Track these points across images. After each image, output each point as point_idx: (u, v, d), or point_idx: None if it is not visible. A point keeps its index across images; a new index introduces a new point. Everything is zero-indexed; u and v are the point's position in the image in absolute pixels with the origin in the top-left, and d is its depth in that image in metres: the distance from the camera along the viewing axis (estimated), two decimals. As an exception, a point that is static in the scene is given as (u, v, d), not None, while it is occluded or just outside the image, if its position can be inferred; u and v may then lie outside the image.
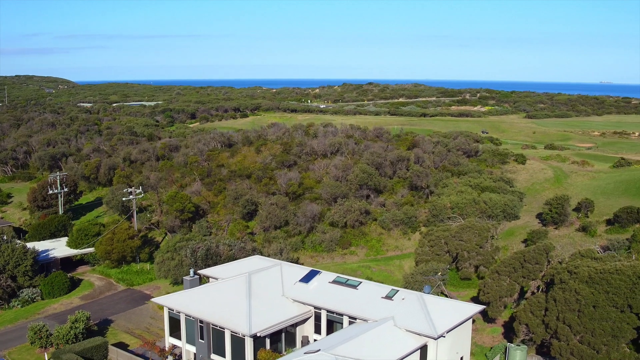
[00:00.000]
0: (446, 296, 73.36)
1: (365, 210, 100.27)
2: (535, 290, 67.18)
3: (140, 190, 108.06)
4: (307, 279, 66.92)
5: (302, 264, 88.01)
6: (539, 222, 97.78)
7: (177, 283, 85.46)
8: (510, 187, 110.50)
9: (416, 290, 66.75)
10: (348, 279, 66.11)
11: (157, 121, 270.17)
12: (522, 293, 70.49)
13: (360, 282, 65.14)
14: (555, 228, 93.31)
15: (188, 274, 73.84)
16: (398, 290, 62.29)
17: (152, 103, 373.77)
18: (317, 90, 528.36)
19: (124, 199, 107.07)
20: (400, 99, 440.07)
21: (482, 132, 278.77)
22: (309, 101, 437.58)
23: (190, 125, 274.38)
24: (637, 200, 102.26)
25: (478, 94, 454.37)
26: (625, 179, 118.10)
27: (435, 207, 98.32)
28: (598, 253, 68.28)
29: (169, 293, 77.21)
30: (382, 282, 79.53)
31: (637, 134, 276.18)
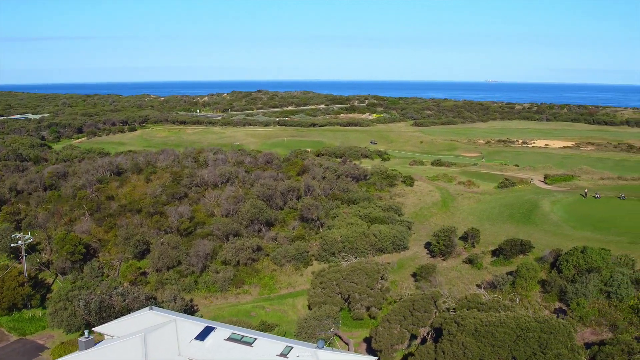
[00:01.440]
0: (340, 338, 74.11)
1: (257, 247, 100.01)
2: (426, 336, 68.39)
3: (29, 236, 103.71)
4: (202, 336, 65.91)
5: (196, 306, 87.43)
6: (427, 253, 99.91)
7: (72, 331, 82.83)
8: (399, 215, 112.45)
9: (311, 336, 66.99)
10: (243, 336, 65.52)
11: (43, 138, 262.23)
12: (413, 337, 71.71)
13: (255, 339, 64.65)
14: (444, 259, 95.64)
15: (82, 323, 71.63)
16: (292, 347, 62.20)
17: (38, 116, 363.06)
18: (206, 98, 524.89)
19: (12, 244, 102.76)
20: (290, 107, 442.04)
21: (371, 142, 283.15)
22: (198, 110, 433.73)
23: (77, 142, 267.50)
24: (521, 227, 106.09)
25: (366, 101, 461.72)
26: (510, 202, 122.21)
27: (326, 242, 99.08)
28: (484, 297, 70.12)
29: (63, 343, 75.36)
30: (277, 324, 79.89)
31: (520, 141, 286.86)
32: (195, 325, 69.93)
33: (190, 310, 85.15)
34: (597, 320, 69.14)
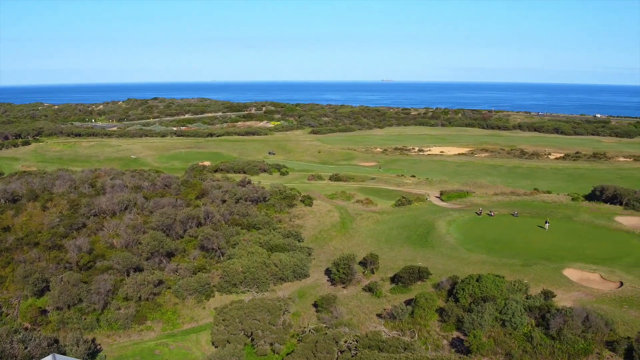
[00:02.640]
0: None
1: (158, 281, 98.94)
2: (329, 375, 69.03)
3: None
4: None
5: (99, 345, 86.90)
6: (328, 280, 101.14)
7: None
8: (299, 241, 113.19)
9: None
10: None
11: None
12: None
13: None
14: (344, 287, 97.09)
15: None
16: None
17: None
18: (102, 106, 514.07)
19: None
20: (187, 115, 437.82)
21: (269, 153, 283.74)
22: (93, 120, 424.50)
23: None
24: (419, 250, 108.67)
25: (264, 108, 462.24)
26: (407, 223, 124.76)
27: (227, 274, 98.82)
28: (384, 334, 71.30)
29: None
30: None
31: (416, 149, 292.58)
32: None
33: (94, 351, 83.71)
34: (493, 350, 71.42)
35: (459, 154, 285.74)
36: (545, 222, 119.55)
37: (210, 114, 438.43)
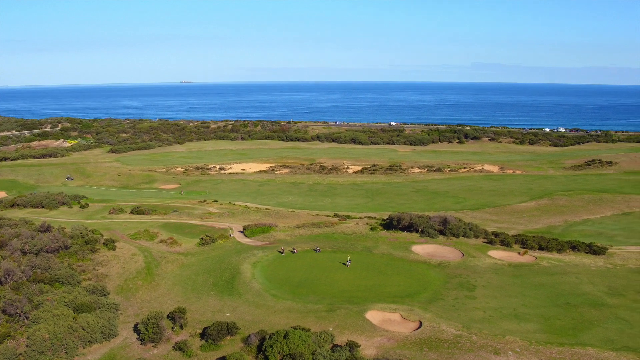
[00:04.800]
0: None
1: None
2: None
3: None
4: None
5: None
6: (137, 338, 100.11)
7: None
8: (106, 297, 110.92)
9: None
10: None
11: None
12: None
13: None
14: (154, 346, 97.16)
15: None
16: None
17: None
18: None
19: None
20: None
21: (68, 178, 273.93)
22: None
23: None
24: (226, 299, 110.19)
25: (60, 125, 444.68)
26: (212, 267, 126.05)
27: (33, 342, 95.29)
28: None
29: None
30: None
31: (217, 167, 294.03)
32: None
33: None
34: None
35: (260, 171, 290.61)
36: (348, 261, 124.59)
37: (2, 133, 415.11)
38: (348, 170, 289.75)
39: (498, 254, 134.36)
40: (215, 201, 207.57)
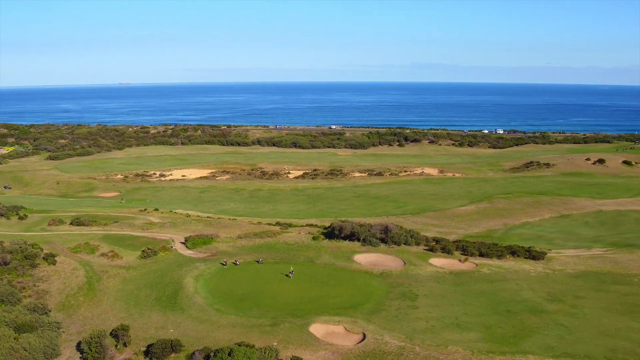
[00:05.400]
0: None
1: None
2: None
3: None
4: None
5: None
6: (80, 357, 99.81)
7: None
8: (47, 315, 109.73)
9: None
10: None
11: None
12: None
13: None
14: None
15: None
16: None
17: None
18: None
19: None
20: None
21: (5, 187, 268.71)
22: None
23: None
24: (169, 315, 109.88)
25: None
26: (155, 281, 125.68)
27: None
28: None
29: None
30: None
31: (157, 173, 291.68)
32: None
33: None
34: None
35: (201, 177, 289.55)
36: (291, 272, 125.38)
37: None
38: (289, 175, 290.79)
39: (439, 261, 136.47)
40: (156, 209, 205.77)
